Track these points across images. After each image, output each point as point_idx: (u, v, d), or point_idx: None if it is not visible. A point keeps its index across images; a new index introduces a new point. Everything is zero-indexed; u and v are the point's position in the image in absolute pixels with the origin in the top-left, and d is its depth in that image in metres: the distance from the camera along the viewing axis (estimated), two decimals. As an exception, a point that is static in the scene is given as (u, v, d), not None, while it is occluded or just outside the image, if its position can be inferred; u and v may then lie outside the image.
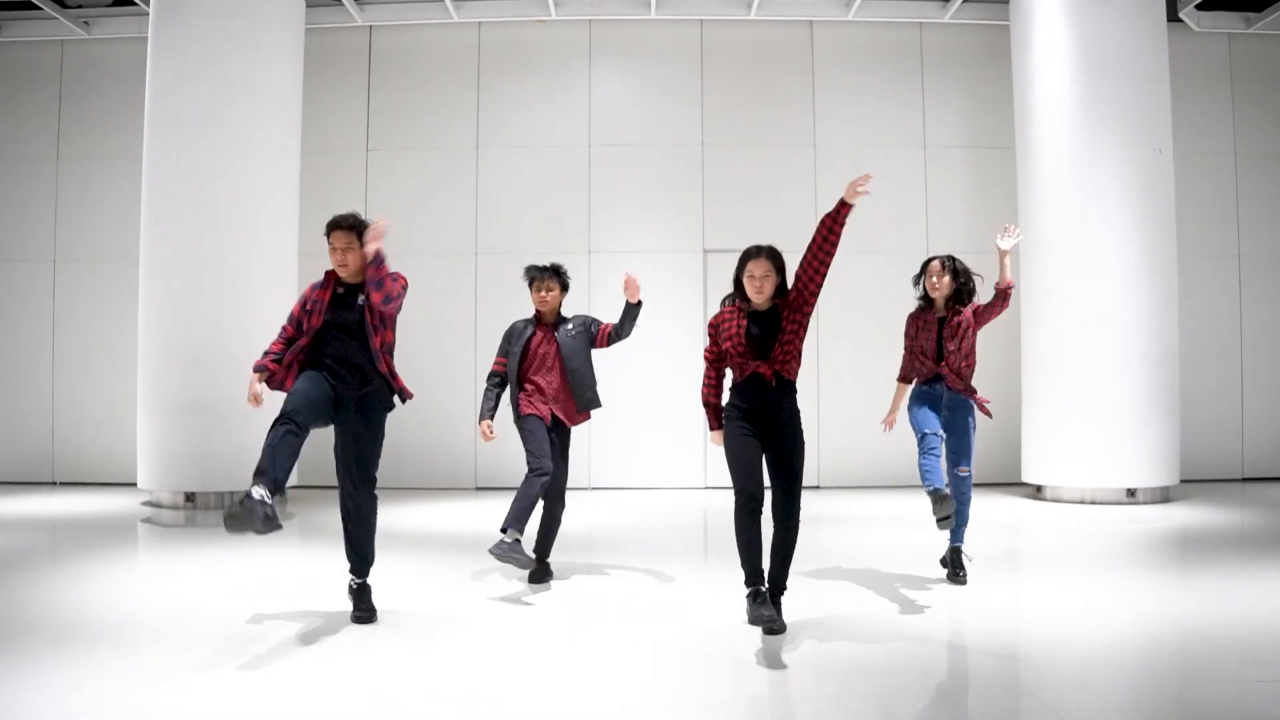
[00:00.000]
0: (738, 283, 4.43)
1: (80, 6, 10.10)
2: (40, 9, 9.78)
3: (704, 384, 4.58)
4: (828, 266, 4.27)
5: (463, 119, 10.24)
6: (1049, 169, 9.04)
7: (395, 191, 10.12)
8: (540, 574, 5.41)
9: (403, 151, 10.22)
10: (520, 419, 5.35)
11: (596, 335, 5.49)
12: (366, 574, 4.64)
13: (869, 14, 10.08)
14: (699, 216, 10.14)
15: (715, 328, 4.48)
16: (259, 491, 3.98)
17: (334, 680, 3.76)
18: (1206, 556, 6.47)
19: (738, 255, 4.46)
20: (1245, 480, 10.27)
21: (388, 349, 4.60)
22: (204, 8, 8.50)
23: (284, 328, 4.63)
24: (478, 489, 9.89)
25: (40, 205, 10.34)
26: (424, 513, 8.33)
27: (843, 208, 4.25)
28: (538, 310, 5.47)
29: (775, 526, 4.32)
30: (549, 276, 5.43)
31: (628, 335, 5.47)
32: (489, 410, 5.40)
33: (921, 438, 5.23)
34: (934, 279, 5.34)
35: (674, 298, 9.88)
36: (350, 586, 4.64)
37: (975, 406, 5.34)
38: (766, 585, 4.32)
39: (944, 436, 5.28)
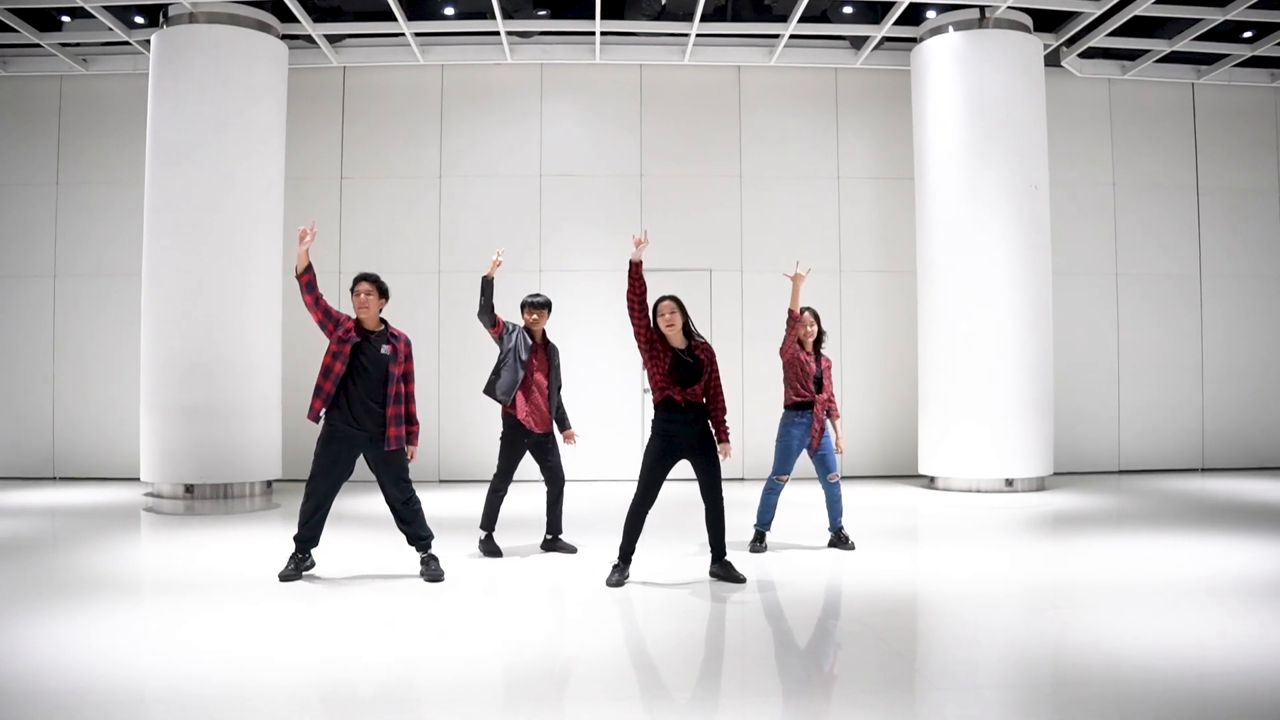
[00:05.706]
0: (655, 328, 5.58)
1: (79, 45, 11.06)
2: (41, 47, 10.71)
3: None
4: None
5: (427, 150, 11.30)
6: (941, 200, 10.18)
7: (366, 215, 11.22)
8: (553, 545, 6.65)
9: (373, 179, 11.27)
10: (511, 429, 6.43)
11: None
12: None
13: (789, 60, 11.29)
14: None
15: (650, 342, 5.47)
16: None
17: (313, 619, 4.95)
18: (1067, 531, 7.76)
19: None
20: (1121, 472, 11.58)
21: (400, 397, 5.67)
22: (200, 54, 9.49)
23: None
24: (441, 481, 11.00)
25: (41, 225, 11.23)
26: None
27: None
28: (529, 327, 6.60)
29: (706, 508, 5.63)
30: (542, 308, 6.65)
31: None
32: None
33: (771, 482, 6.63)
34: (809, 327, 6.71)
35: (615, 311, 10.94)
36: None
37: (834, 430, 6.73)
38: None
39: (788, 479, 6.65)
